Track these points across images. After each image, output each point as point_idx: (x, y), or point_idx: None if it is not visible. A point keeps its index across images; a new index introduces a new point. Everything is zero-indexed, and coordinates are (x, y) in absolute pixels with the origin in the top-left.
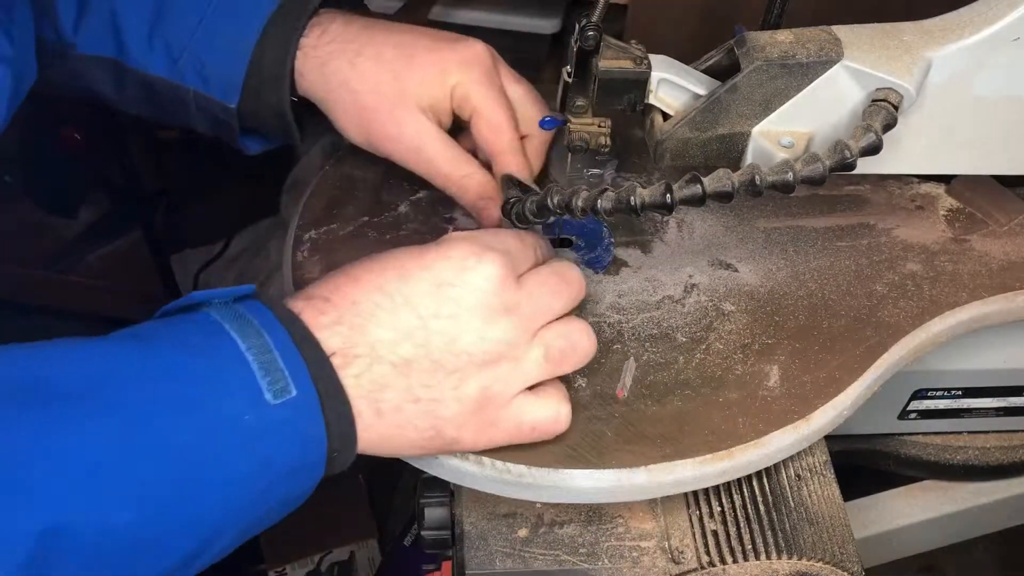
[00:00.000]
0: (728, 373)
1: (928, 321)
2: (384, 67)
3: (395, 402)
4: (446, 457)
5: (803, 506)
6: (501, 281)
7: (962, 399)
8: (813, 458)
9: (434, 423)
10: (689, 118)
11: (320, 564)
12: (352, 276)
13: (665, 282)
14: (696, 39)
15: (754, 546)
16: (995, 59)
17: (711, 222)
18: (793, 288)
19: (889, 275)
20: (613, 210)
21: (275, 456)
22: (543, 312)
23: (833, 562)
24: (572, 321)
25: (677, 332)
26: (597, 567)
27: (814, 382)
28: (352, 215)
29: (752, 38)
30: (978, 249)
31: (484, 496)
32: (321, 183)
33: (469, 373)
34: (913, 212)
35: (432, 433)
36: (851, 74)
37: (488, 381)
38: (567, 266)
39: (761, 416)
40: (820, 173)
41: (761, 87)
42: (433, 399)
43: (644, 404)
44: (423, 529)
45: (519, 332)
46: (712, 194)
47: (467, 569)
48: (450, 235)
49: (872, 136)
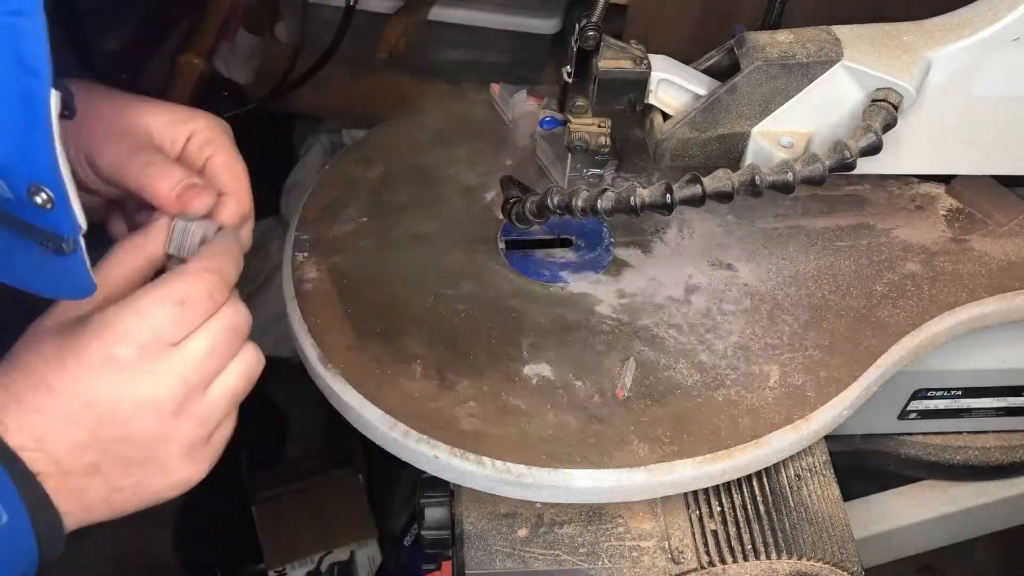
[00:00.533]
0: (728, 373)
1: (928, 321)
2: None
3: (101, 495)
4: (446, 457)
5: (803, 506)
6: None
7: (962, 399)
8: (813, 458)
9: (155, 485)
10: (689, 118)
11: (320, 564)
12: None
13: (665, 282)
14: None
15: (754, 546)
16: (995, 59)
17: (711, 222)
18: (793, 288)
19: (889, 275)
20: (613, 210)
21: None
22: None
23: (833, 562)
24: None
25: (677, 332)
26: (597, 567)
27: (814, 382)
28: (352, 215)
29: (752, 38)
30: (978, 249)
31: (484, 496)
32: (321, 183)
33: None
34: (913, 212)
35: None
36: (851, 74)
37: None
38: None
39: (761, 416)
40: (820, 173)
41: (761, 87)
42: (137, 481)
43: (644, 404)
44: (423, 529)
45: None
46: (712, 194)
47: (467, 569)
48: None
49: (872, 136)
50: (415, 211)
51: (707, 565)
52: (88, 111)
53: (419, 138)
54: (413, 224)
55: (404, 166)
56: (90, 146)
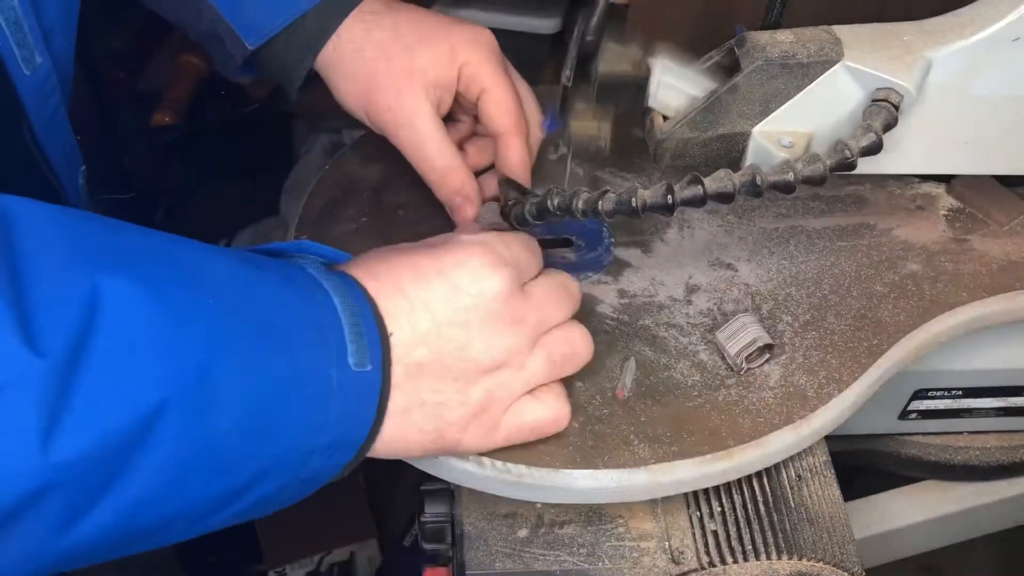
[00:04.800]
0: (729, 373)
1: (928, 321)
2: (398, 39)
3: (402, 404)
4: (446, 457)
5: (803, 506)
6: (511, 293)
7: (962, 399)
8: (813, 458)
9: (437, 426)
10: (689, 118)
11: (320, 564)
12: (371, 272)
13: (665, 282)
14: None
15: (754, 546)
16: (995, 59)
17: (711, 222)
18: (793, 288)
19: (889, 275)
20: (614, 212)
21: (333, 421)
22: (547, 322)
23: (833, 562)
24: (572, 327)
25: (677, 332)
26: (597, 567)
27: (814, 382)
28: (352, 215)
29: (752, 38)
30: (978, 249)
31: (484, 496)
32: (321, 183)
33: (474, 379)
34: (913, 212)
35: (435, 435)
36: (851, 74)
37: (492, 386)
38: (568, 278)
39: (761, 416)
40: (820, 173)
41: (761, 87)
42: (438, 403)
43: (644, 404)
44: (423, 528)
45: (524, 341)
46: (713, 195)
47: (467, 569)
48: (460, 238)
49: (872, 136)
50: (415, 211)
51: (707, 565)
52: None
53: None
54: (413, 224)
55: (404, 166)
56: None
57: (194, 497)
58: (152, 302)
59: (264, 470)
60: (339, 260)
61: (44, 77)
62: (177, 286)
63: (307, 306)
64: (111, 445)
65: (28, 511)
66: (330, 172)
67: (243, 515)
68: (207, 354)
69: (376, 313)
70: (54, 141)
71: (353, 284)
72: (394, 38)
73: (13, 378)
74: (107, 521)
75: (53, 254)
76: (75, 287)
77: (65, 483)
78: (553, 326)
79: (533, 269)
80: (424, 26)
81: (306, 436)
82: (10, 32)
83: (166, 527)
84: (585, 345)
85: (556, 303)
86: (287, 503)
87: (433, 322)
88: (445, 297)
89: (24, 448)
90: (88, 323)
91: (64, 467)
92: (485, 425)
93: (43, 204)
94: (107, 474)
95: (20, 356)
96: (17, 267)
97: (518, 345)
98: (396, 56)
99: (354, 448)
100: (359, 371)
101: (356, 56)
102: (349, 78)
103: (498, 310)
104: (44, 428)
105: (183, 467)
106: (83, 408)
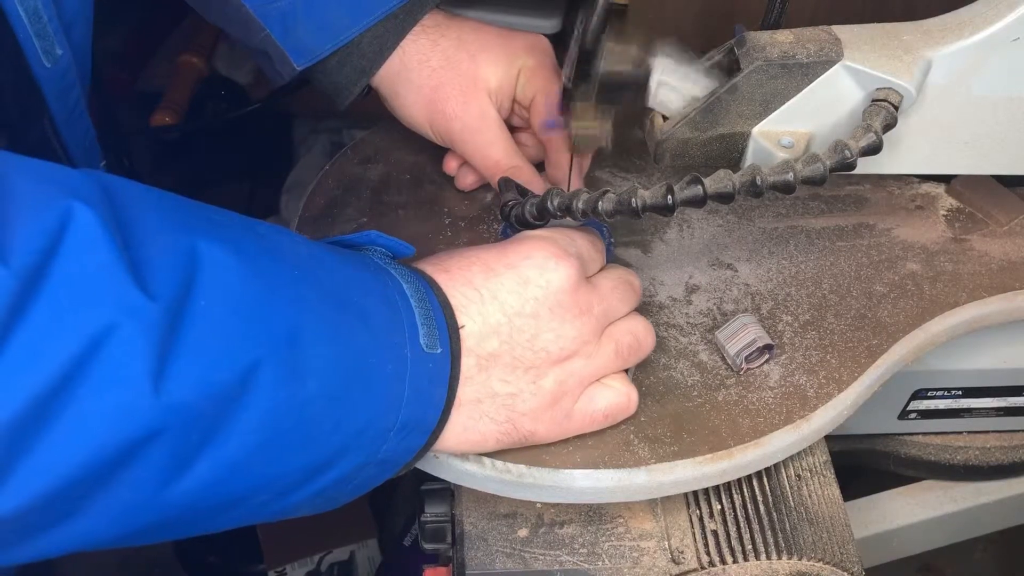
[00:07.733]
0: (729, 373)
1: (928, 321)
2: (462, 48)
3: (474, 395)
4: (446, 457)
5: (803, 506)
6: (578, 284)
7: (962, 399)
8: (813, 458)
9: (510, 416)
10: (689, 118)
11: (320, 564)
12: (443, 267)
13: (665, 282)
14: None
15: (754, 546)
16: (995, 59)
17: (711, 222)
18: (793, 288)
19: (889, 275)
20: (614, 212)
21: (408, 400)
22: (612, 314)
23: (833, 562)
24: (636, 319)
25: (677, 332)
26: (597, 567)
27: (814, 382)
28: (352, 215)
29: (752, 38)
30: (978, 249)
31: (484, 496)
32: (321, 183)
33: (545, 369)
34: (913, 212)
35: (508, 427)
36: (851, 74)
37: (563, 376)
38: (631, 272)
39: (761, 416)
40: (820, 173)
41: (761, 87)
42: (510, 394)
43: (644, 404)
44: (423, 527)
45: (591, 331)
46: (713, 195)
47: (467, 569)
48: (525, 234)
49: (872, 136)
50: (415, 211)
51: (707, 565)
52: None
53: (419, 138)
54: (413, 224)
55: (404, 166)
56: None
57: (281, 467)
58: (244, 267)
59: (345, 445)
60: (403, 252)
61: (65, 69)
62: (265, 256)
63: (381, 288)
64: (213, 396)
65: (137, 456)
66: (330, 172)
67: (320, 497)
68: (296, 320)
69: (444, 302)
70: (75, 134)
71: (417, 273)
72: (459, 48)
73: (128, 317)
74: (206, 478)
75: (155, 220)
76: (177, 246)
77: (173, 428)
78: (618, 318)
79: (597, 263)
80: (486, 35)
81: (384, 413)
82: (30, 23)
83: (252, 496)
84: (649, 337)
85: (620, 296)
86: (359, 490)
87: (503, 313)
88: (514, 289)
89: (138, 387)
90: (190, 278)
91: (173, 410)
92: (558, 414)
93: (133, 181)
94: (209, 427)
95: (134, 296)
96: (123, 227)
97: (586, 334)
98: (462, 64)
99: (426, 433)
100: (430, 352)
101: (422, 67)
102: (414, 89)
103: (566, 301)
104: (155, 369)
105: (275, 430)
106: (189, 356)
